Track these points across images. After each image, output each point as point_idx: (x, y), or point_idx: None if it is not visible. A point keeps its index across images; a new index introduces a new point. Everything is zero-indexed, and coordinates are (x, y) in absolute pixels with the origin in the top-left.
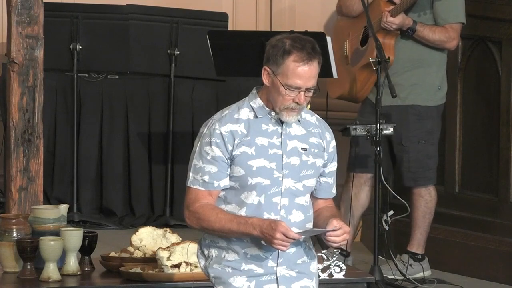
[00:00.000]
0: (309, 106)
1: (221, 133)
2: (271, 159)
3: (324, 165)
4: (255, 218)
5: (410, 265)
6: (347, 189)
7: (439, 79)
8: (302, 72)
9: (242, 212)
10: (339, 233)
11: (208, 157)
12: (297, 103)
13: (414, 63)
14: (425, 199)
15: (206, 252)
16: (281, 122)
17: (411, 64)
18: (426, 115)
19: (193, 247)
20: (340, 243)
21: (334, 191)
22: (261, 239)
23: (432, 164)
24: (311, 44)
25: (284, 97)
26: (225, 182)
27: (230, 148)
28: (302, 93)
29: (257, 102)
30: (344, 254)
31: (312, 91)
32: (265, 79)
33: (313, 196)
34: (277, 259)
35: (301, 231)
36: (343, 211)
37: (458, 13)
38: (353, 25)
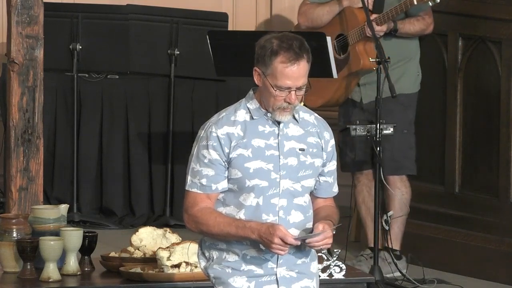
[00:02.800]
0: (302, 103)
1: (217, 136)
2: (268, 160)
3: (323, 165)
4: (254, 222)
5: (389, 262)
6: (358, 191)
7: (417, 66)
8: (291, 73)
9: (241, 214)
10: (319, 238)
11: (205, 160)
12: (289, 102)
13: (396, 57)
14: (401, 191)
15: (207, 254)
16: (278, 123)
17: (394, 59)
18: (409, 104)
19: (193, 247)
20: (320, 248)
21: (335, 189)
22: (259, 242)
23: (412, 154)
24: (298, 42)
25: (275, 97)
26: (223, 185)
27: (227, 150)
28: (293, 92)
29: (253, 103)
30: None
31: (303, 89)
32: (257, 80)
33: (313, 195)
34: (277, 260)
35: (297, 236)
36: (364, 213)
37: None
38: None
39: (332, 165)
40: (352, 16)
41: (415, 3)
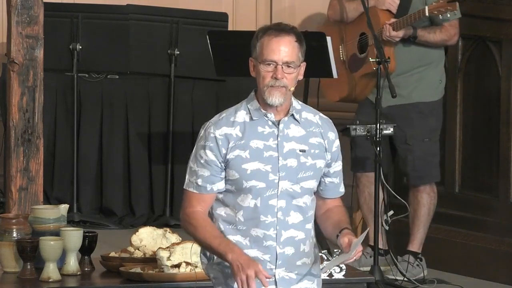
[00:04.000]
0: (292, 88)
1: (215, 137)
2: (266, 161)
3: (328, 165)
4: (239, 248)
5: (418, 265)
6: (361, 192)
7: (439, 74)
8: (275, 45)
9: (239, 215)
10: (351, 256)
11: (202, 161)
12: (276, 78)
13: (415, 63)
14: (430, 196)
15: (208, 254)
16: (277, 124)
17: (412, 65)
18: (429, 112)
19: (195, 247)
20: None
21: (342, 189)
22: (231, 267)
23: (436, 161)
24: (290, 25)
25: (263, 76)
26: (219, 185)
27: (224, 152)
28: (279, 67)
29: (254, 104)
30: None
31: (292, 67)
32: (251, 71)
33: (320, 197)
34: (276, 261)
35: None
36: (366, 213)
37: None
38: (346, 30)
39: (338, 166)
40: (375, 17)
41: (427, 14)
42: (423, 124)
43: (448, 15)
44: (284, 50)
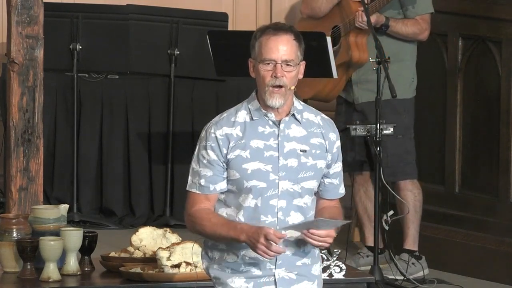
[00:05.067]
0: (293, 87)
1: (216, 137)
2: (266, 161)
3: (328, 166)
4: (246, 224)
5: (413, 263)
6: (356, 191)
7: (412, 72)
8: (273, 43)
9: (240, 215)
10: (323, 233)
11: (204, 161)
12: (276, 77)
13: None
14: (414, 193)
15: (209, 254)
16: (278, 124)
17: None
18: (403, 109)
19: (195, 247)
20: (319, 244)
21: (341, 191)
22: (248, 244)
23: (410, 159)
24: (287, 25)
25: (263, 75)
26: (222, 185)
27: (225, 151)
28: (278, 65)
29: (255, 104)
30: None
31: (291, 66)
32: (251, 72)
33: (318, 196)
34: (276, 262)
35: (296, 223)
36: (361, 212)
37: (427, 4)
38: (319, 25)
39: (338, 167)
40: (347, 7)
41: None
42: (396, 121)
43: None
44: (283, 49)
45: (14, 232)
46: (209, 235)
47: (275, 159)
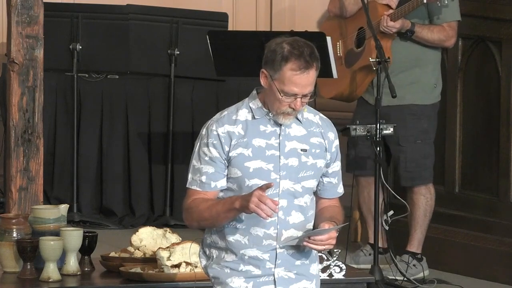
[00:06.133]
0: (305, 109)
1: (218, 134)
2: (268, 160)
3: (327, 165)
4: (239, 195)
5: (414, 265)
6: (360, 192)
7: (435, 77)
8: (299, 81)
9: (241, 214)
10: (324, 237)
11: (206, 158)
12: (293, 108)
13: (411, 62)
14: (426, 198)
15: (207, 252)
16: (279, 123)
17: (408, 64)
18: (422, 114)
19: (194, 247)
20: (323, 248)
21: (340, 190)
22: (243, 211)
23: (429, 164)
24: (309, 49)
25: (280, 102)
26: (222, 183)
27: (226, 149)
28: (299, 99)
29: (256, 103)
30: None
31: (308, 96)
32: (263, 82)
33: (317, 196)
34: (275, 261)
35: (295, 237)
36: (365, 213)
37: (454, 11)
38: (344, 25)
39: (336, 166)
40: (373, 10)
41: (425, 1)
42: (415, 126)
43: (446, 1)
44: (307, 85)
45: (14, 232)
46: (207, 219)
47: (276, 158)
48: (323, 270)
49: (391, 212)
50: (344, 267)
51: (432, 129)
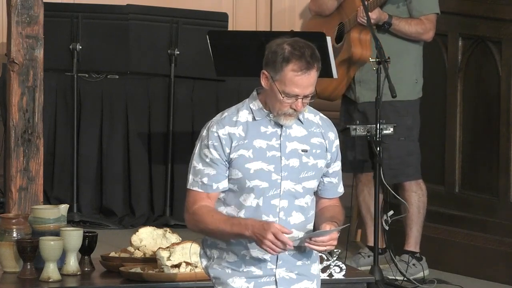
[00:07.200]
0: (306, 110)
1: (218, 136)
2: (269, 161)
3: (327, 165)
4: (250, 219)
5: (414, 264)
6: (359, 191)
7: (416, 73)
8: (300, 81)
9: (241, 214)
10: (326, 238)
11: (207, 160)
12: (295, 109)
13: (392, 57)
14: (418, 194)
15: (208, 253)
16: (280, 124)
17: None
18: (406, 111)
19: (194, 247)
20: (324, 249)
21: (340, 190)
22: (253, 240)
23: (412, 161)
24: (310, 50)
25: (281, 103)
26: (224, 184)
27: (227, 151)
28: (300, 100)
29: (257, 104)
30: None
31: (309, 97)
32: (264, 83)
33: (317, 196)
34: (276, 261)
35: (297, 238)
36: (364, 212)
37: (432, 4)
38: (326, 23)
39: (337, 166)
40: (351, 3)
41: None
42: (398, 123)
43: None
44: (308, 86)
45: (14, 232)
46: (211, 232)
47: (277, 159)
48: (323, 270)
49: (391, 212)
50: (344, 267)
51: (416, 126)
